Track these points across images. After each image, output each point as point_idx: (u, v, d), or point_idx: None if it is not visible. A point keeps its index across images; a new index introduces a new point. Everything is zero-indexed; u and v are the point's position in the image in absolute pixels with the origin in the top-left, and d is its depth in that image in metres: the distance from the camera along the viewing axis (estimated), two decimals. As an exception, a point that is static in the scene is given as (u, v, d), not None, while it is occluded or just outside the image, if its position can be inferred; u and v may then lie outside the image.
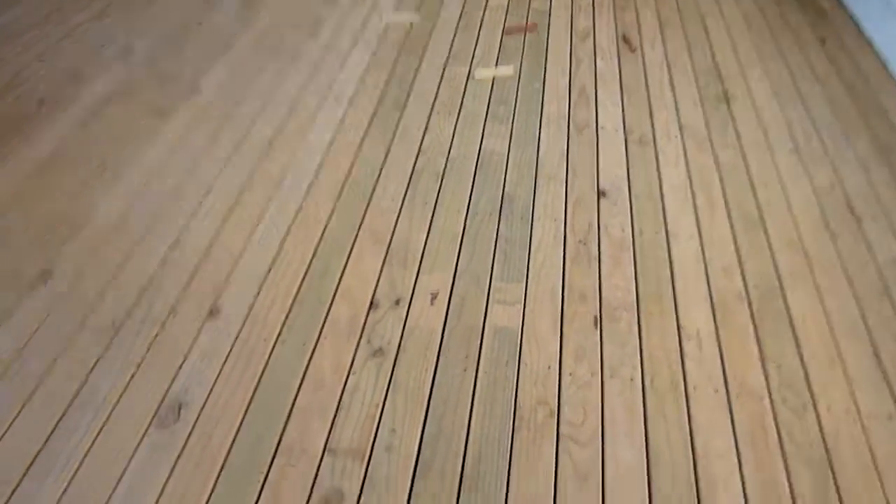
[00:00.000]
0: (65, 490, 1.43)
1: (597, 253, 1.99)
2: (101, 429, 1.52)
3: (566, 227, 2.07)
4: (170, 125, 2.41)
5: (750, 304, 1.88)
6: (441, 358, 1.68)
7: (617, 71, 2.82)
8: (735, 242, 2.06)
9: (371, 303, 1.81)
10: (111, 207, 2.08)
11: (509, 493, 1.44)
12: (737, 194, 2.23)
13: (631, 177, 2.28)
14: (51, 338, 1.71)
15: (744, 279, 1.95)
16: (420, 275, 1.89)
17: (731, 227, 2.11)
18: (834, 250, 2.06)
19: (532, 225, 2.07)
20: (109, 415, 1.55)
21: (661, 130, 2.49)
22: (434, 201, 2.13)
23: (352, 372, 1.65)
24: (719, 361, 1.72)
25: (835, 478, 1.52)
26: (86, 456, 1.48)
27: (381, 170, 2.24)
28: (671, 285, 1.91)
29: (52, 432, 1.51)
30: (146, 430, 1.52)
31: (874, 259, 2.04)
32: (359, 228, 2.02)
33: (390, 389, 1.62)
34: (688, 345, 1.76)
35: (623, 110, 2.59)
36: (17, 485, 1.43)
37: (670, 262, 1.98)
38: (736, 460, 1.52)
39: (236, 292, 1.83)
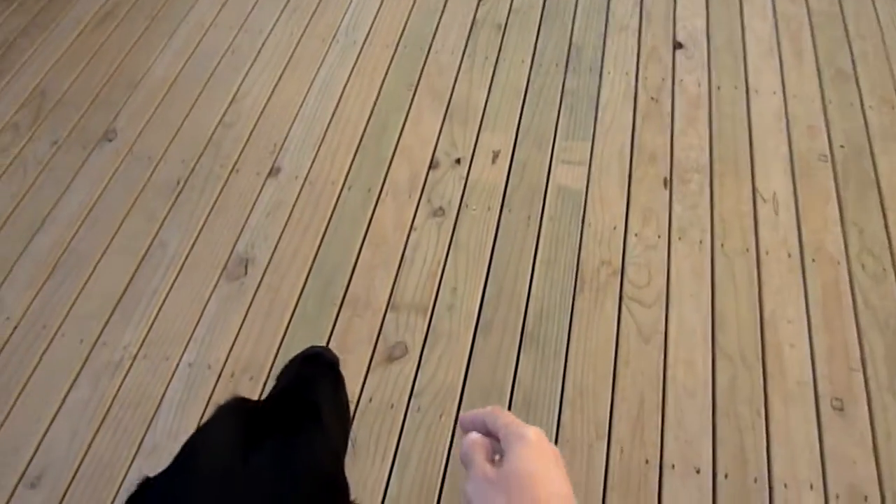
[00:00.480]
0: (151, 325, 1.51)
1: (670, 110, 1.87)
2: (173, 280, 1.58)
3: (637, 82, 1.94)
4: (219, -25, 2.30)
5: (834, 166, 1.76)
6: (502, 218, 1.65)
7: None
8: (822, 99, 1.90)
9: (431, 162, 1.77)
10: (167, 64, 2.05)
11: (569, 351, 1.45)
12: (829, 46, 2.03)
13: (711, 27, 2.09)
14: (119, 194, 1.74)
15: (829, 139, 1.81)
16: (481, 133, 1.83)
17: (820, 82, 1.94)
18: (934, 107, 1.89)
19: (601, 79, 1.95)
20: (181, 268, 1.60)
21: (748, -27, 2.25)
22: (496, 55, 2.02)
23: (413, 229, 1.64)
24: (795, 225, 1.64)
25: (909, 344, 1.47)
26: (164, 301, 1.55)
27: (438, 21, 2.12)
28: (748, 145, 1.80)
29: (130, 280, 1.58)
30: (216, 283, 1.57)
31: (979, 117, 1.86)
32: (417, 85, 1.94)
33: (451, 248, 1.61)
34: (763, 208, 1.67)
35: (706, -49, 2.33)
36: (109, 317, 1.52)
37: (749, 121, 1.85)
38: (805, 324, 1.48)
39: (297, 148, 1.81)
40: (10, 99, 1.97)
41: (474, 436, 0.48)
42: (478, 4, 2.16)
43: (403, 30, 2.10)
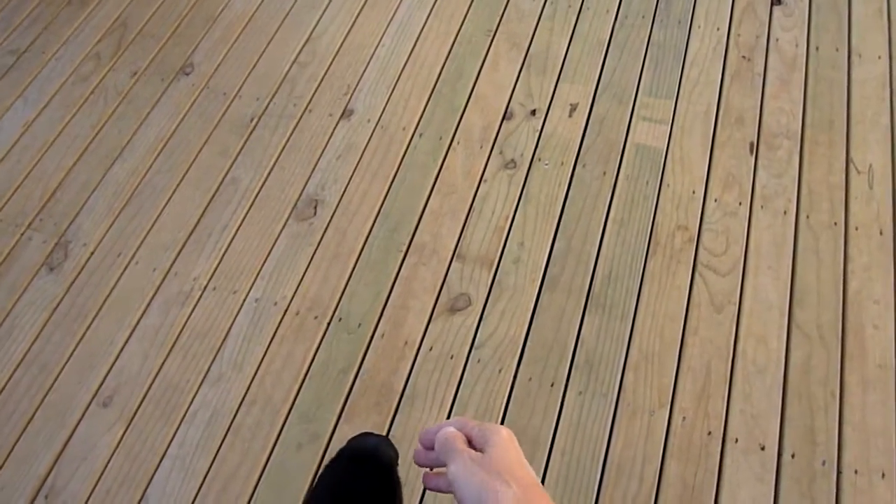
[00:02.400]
0: (221, 259, 1.54)
1: (762, 70, 1.76)
2: (244, 216, 1.60)
3: (729, 38, 1.83)
4: None
5: (940, 139, 1.63)
6: (575, 174, 1.60)
7: None
8: (934, 66, 1.75)
9: (505, 112, 1.72)
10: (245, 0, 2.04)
11: (637, 315, 1.41)
12: (946, 8, 1.87)
13: (815, -18, 1.94)
14: (194, 128, 1.76)
15: (937, 110, 1.68)
16: (559, 84, 1.76)
17: (932, 47, 1.79)
18: None
19: (690, 33, 1.84)
20: (251, 204, 1.62)
21: (861, -75, 2.07)
22: (580, 3, 1.93)
23: (483, 180, 1.61)
24: (891, 201, 1.54)
25: None
26: (234, 236, 1.57)
27: (522, -34, 2.03)
28: (846, 113, 1.68)
29: (202, 214, 1.61)
30: (286, 222, 1.58)
31: None
32: (496, 31, 1.88)
33: (521, 202, 1.58)
34: (856, 180, 1.57)
35: None
36: (181, 248, 1.56)
37: (849, 87, 1.72)
38: (893, 306, 1.40)
39: (370, 91, 1.79)
40: (93, 29, 2.00)
41: (451, 429, 0.53)
42: (563, -51, 2.07)
43: (484, -27, 2.03)
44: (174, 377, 1.40)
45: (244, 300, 1.48)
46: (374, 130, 1.71)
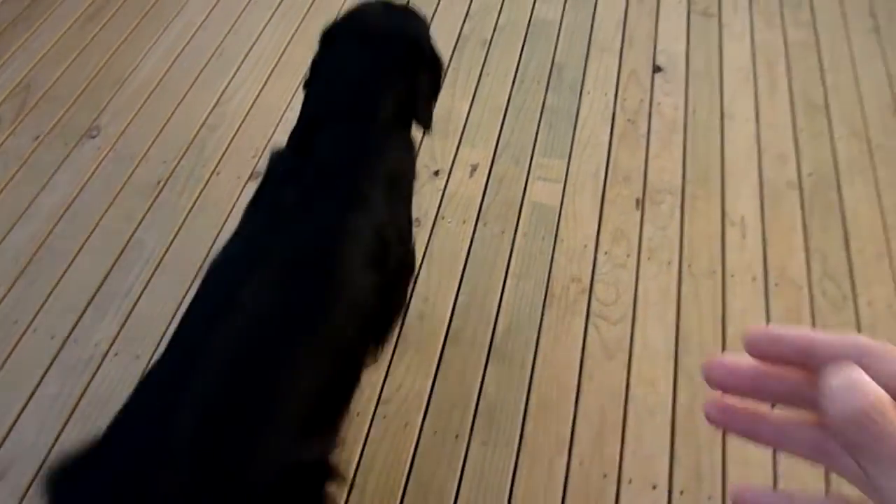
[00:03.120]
0: (124, 323, 1.52)
1: (646, 132, 1.92)
2: (149, 280, 1.59)
3: (616, 103, 1.98)
4: (210, -22, 2.32)
5: (801, 193, 1.80)
6: (477, 231, 1.69)
7: (687, -68, 2.58)
8: (794, 128, 1.95)
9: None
10: (155, 63, 2.06)
11: (536, 365, 1.48)
12: (803, 77, 2.09)
13: (690, 52, 2.14)
14: (98, 192, 1.75)
15: (798, 167, 1.86)
16: (461, 146, 1.86)
17: (792, 111, 1.99)
18: (901, 141, 1.95)
19: (580, 98, 1.99)
20: (156, 267, 1.61)
21: (728, 1, 2.31)
22: (480, 69, 2.05)
23: (389, 240, 1.67)
24: (761, 250, 1.69)
25: (864, 370, 1.51)
26: (138, 300, 1.56)
27: (426, 34, 2.15)
28: (720, 170, 1.84)
29: (104, 278, 1.59)
30: (191, 284, 1.59)
31: (943, 152, 1.92)
32: (401, 95, 1.97)
33: (426, 259, 1.64)
34: (731, 231, 1.72)
35: (689, -23, 2.39)
36: (82, 314, 1.53)
37: (722, 146, 1.90)
38: (765, 347, 1.52)
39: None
40: (-6, 91, 1.98)
41: (872, 394, 0.24)
42: (464, 20, 2.20)
43: (390, 41, 2.13)
44: (73, 448, 1.36)
45: (147, 364, 1.47)
46: (281, 192, 1.75)
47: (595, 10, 2.26)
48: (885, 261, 1.69)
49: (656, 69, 2.08)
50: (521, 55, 2.10)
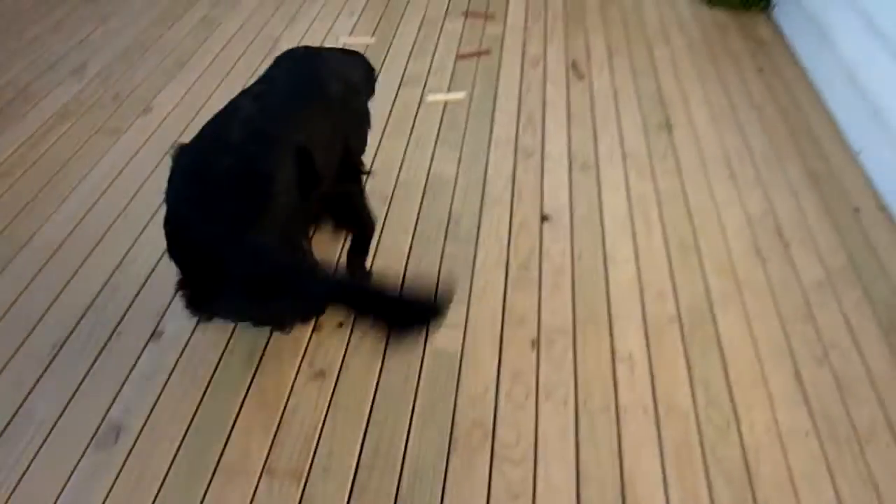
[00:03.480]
0: (9, 496, 1.43)
1: (537, 276, 2.06)
2: (38, 450, 1.52)
3: (509, 251, 2.13)
4: (120, 144, 2.42)
5: (681, 327, 1.96)
6: (381, 381, 1.72)
7: (565, 97, 2.91)
8: (670, 267, 2.14)
9: (315, 324, 1.84)
10: (58, 226, 2.08)
11: (443, 513, 1.48)
12: (674, 220, 2.33)
13: (573, 202, 2.35)
14: (-11, 359, 1.70)
15: (677, 302, 2.03)
16: (364, 297, 1.93)
17: (667, 251, 2.20)
18: (763, 274, 2.16)
19: (476, 248, 2.13)
20: (47, 437, 1.55)
21: (604, 157, 2.58)
22: (382, 221, 2.18)
23: (293, 393, 1.68)
24: (650, 383, 1.80)
25: (753, 493, 1.59)
26: (26, 471, 1.48)
27: (330, 192, 2.28)
28: (607, 309, 1.98)
29: (-14, 456, 1.51)
30: (84, 452, 1.53)
31: (800, 283, 2.15)
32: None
33: (330, 410, 1.65)
34: (620, 367, 1.83)
35: (569, 136, 2.67)
36: (-48, 506, 1.43)
37: (607, 286, 2.05)
38: (661, 478, 1.59)
39: (181, 312, 1.84)
40: None
41: None
42: (367, 177, 2.35)
43: (295, 199, 2.24)
44: None
45: (30, 546, 1.37)
46: (183, 351, 1.75)
47: (487, 166, 2.47)
48: (760, 386, 1.83)
49: (544, 219, 2.27)
50: (420, 208, 2.26)
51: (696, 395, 1.78)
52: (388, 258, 2.06)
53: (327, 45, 3.09)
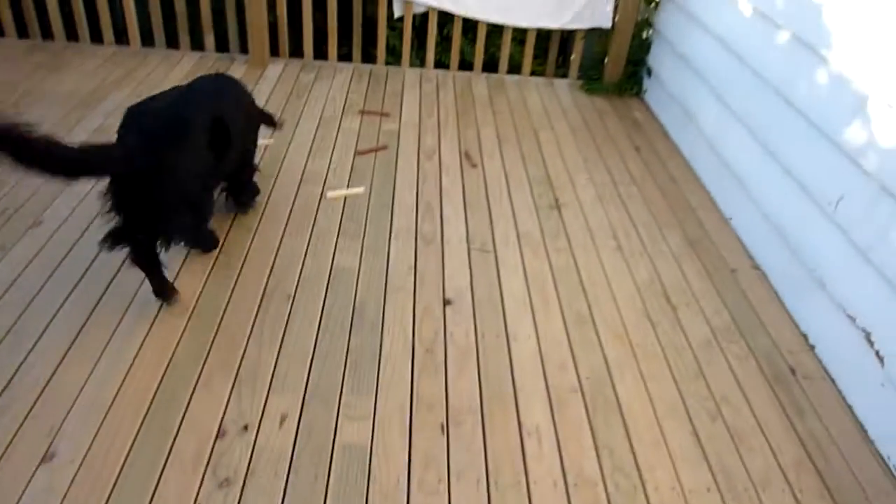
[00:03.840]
0: None
1: (443, 359, 2.10)
2: None
3: (414, 337, 2.18)
4: (8, 258, 2.34)
5: (583, 396, 2.03)
6: (289, 482, 1.69)
7: (460, 185, 3.06)
8: (568, 339, 2.24)
9: (218, 431, 1.80)
10: (-65, 354, 1.97)
11: None
12: (569, 294, 2.45)
13: (474, 284, 2.44)
14: None
15: (577, 372, 2.11)
16: (270, 396, 1.91)
17: (565, 324, 2.30)
18: (655, 338, 2.29)
19: (382, 336, 2.16)
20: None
21: (500, 239, 2.71)
22: (285, 320, 2.18)
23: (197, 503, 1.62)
24: (557, 454, 1.84)
25: (664, 555, 1.64)
26: None
27: (231, 293, 2.28)
28: (512, 385, 2.04)
29: None
30: None
31: (689, 343, 2.29)
32: (208, 354, 2.03)
33: (238, 520, 1.60)
34: (528, 441, 1.87)
35: (466, 222, 2.80)
36: None
37: (511, 363, 2.12)
38: (575, 550, 1.61)
39: (75, 431, 1.77)
40: None
41: None
42: (269, 276, 2.37)
43: (197, 301, 2.22)
44: None
45: None
46: (78, 470, 1.66)
47: (389, 255, 2.54)
48: (661, 446, 1.91)
49: (447, 302, 2.34)
50: (324, 303, 2.28)
51: (602, 462, 1.84)
52: (291, 357, 2.05)
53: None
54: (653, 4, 4.11)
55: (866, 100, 2.20)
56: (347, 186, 2.96)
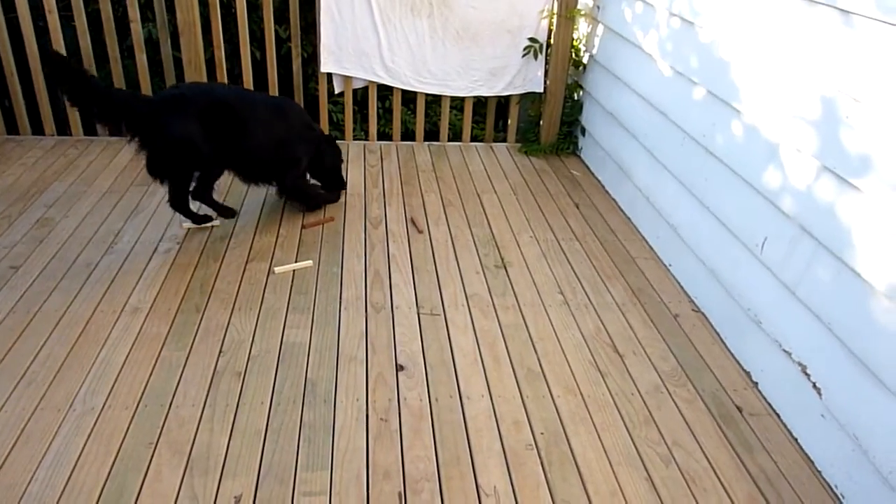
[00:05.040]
0: None
1: (398, 426, 2.11)
2: None
3: (368, 406, 2.18)
4: (-56, 362, 2.28)
5: (539, 452, 2.05)
6: (246, 566, 1.65)
7: (407, 251, 3.12)
8: (521, 395, 2.27)
9: (170, 520, 1.76)
10: None
11: None
12: (519, 350, 2.49)
13: (425, 348, 2.47)
14: None
15: (531, 429, 2.14)
16: (223, 480, 1.88)
17: (517, 381, 2.34)
18: (605, 388, 2.34)
19: (335, 409, 2.16)
20: None
21: (449, 301, 2.76)
22: (237, 400, 2.16)
23: None
24: (516, 513, 1.85)
25: None
26: None
27: (180, 376, 2.25)
28: (468, 446, 2.05)
29: None
30: None
31: (638, 390, 2.34)
32: (157, 441, 1.99)
33: None
34: (487, 502, 1.87)
35: (415, 287, 2.84)
36: None
37: (465, 424, 2.13)
38: None
39: (18, 537, 1.70)
40: None
41: None
42: (218, 356, 2.36)
43: (145, 389, 2.19)
44: None
45: None
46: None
47: (339, 326, 2.56)
48: (618, 496, 1.93)
49: (399, 368, 2.36)
50: (275, 379, 2.27)
51: (561, 517, 1.85)
52: (243, 437, 2.03)
53: (168, 233, 3.16)
54: (580, 67, 4.33)
55: (777, 147, 2.36)
56: (296, 260, 2.98)
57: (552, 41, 4.26)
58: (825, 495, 1.99)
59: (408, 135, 4.65)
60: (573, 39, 4.26)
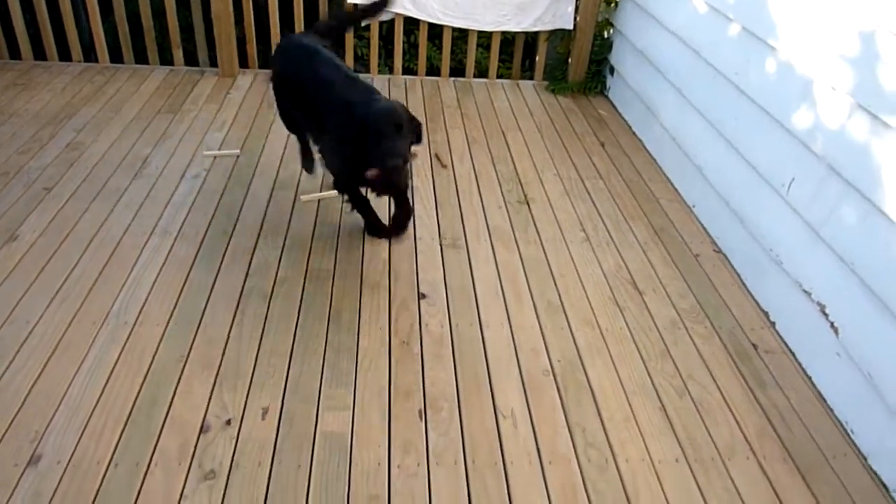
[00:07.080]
0: None
1: (419, 350, 2.17)
2: None
3: (390, 331, 2.24)
4: (-17, 274, 2.36)
5: (555, 379, 2.11)
6: (273, 471, 1.74)
7: (431, 185, 3.14)
8: (540, 326, 2.32)
9: (201, 427, 1.84)
10: (-84, 367, 1.99)
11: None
12: (539, 283, 2.53)
13: (447, 277, 2.51)
14: None
15: (549, 357, 2.19)
16: (251, 393, 1.96)
17: (536, 313, 2.38)
18: (623, 322, 2.38)
19: (359, 331, 2.22)
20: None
21: (471, 234, 2.78)
22: (262, 322, 2.23)
23: (183, 497, 1.66)
24: (532, 434, 1.91)
25: (636, 522, 1.71)
26: None
27: (209, 295, 2.32)
28: (486, 370, 2.11)
29: None
30: None
31: (656, 325, 2.38)
32: (188, 357, 2.07)
33: (224, 510, 1.65)
34: (504, 423, 1.94)
35: (438, 219, 2.87)
36: None
37: (484, 350, 2.19)
38: (550, 523, 1.68)
39: (61, 433, 1.80)
40: None
41: None
42: (245, 278, 2.42)
43: (175, 308, 2.27)
44: None
45: None
46: (64, 471, 1.70)
47: (363, 255, 2.61)
48: (631, 422, 1.99)
49: (421, 296, 2.41)
50: (301, 303, 2.33)
51: (575, 439, 1.91)
52: (271, 356, 2.10)
53: (195, 160, 3.20)
54: (612, 4, 4.23)
55: (811, 84, 2.32)
56: (320, 190, 3.01)
57: (584, -24, 4.14)
58: (835, 430, 2.03)
59: (433, 70, 4.60)
60: (606, -26, 4.14)
